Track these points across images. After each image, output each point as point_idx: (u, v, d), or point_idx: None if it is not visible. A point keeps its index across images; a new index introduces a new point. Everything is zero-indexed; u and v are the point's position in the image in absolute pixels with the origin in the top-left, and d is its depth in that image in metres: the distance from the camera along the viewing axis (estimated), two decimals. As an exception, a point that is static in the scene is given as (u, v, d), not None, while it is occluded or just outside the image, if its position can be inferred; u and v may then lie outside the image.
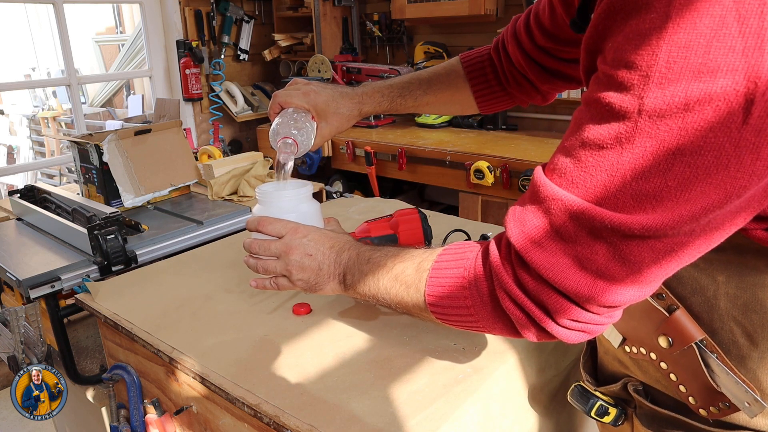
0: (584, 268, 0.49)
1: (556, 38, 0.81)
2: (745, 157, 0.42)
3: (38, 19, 6.21)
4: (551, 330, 0.53)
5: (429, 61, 2.95)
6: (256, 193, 0.81)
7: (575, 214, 0.48)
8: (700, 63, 0.41)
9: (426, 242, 1.10)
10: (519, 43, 0.88)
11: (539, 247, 0.51)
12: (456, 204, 2.45)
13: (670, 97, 0.42)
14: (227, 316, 0.95)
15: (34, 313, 1.25)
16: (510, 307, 0.55)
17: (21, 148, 5.59)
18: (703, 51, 0.41)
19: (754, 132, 0.41)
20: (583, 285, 0.49)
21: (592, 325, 0.53)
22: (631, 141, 0.45)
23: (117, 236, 1.31)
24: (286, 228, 0.75)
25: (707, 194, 0.44)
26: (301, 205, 0.81)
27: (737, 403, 0.57)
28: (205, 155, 2.01)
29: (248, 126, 3.43)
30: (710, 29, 0.40)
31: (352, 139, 2.77)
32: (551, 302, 0.52)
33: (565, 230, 0.49)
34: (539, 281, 0.52)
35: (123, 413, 1.04)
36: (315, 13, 3.10)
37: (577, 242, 0.49)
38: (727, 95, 0.41)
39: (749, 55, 0.40)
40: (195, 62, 3.12)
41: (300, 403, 0.71)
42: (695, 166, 0.43)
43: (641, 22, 0.43)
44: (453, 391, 0.74)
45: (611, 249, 0.48)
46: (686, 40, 0.41)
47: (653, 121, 0.43)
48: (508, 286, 0.54)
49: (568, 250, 0.49)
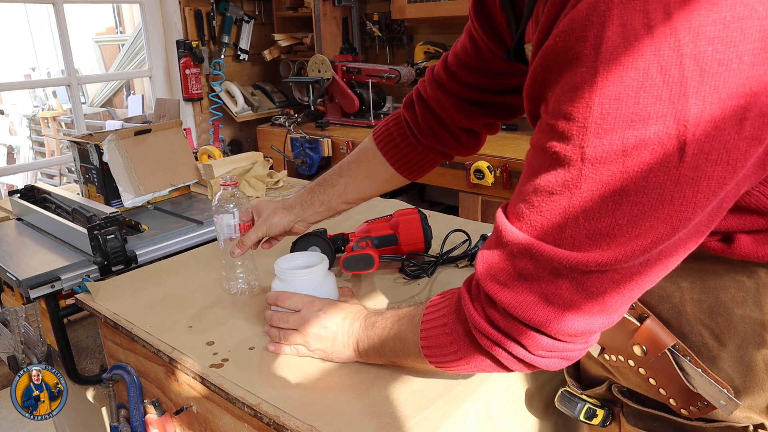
0: (551, 303, 0.51)
1: (485, 73, 0.85)
2: (686, 191, 0.45)
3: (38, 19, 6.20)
4: (531, 361, 0.56)
5: (429, 61, 2.95)
6: (275, 269, 0.87)
7: (536, 256, 0.51)
8: (631, 113, 0.44)
9: (426, 242, 1.10)
10: (441, 86, 0.89)
11: (505, 287, 0.53)
12: (456, 204, 2.45)
13: (608, 144, 0.45)
14: (227, 316, 0.95)
15: (34, 313, 1.25)
16: (487, 344, 0.57)
17: (21, 148, 5.58)
18: (632, 101, 0.43)
19: (691, 168, 0.44)
20: (552, 318, 0.52)
21: (569, 352, 0.55)
22: (578, 186, 0.47)
23: (117, 236, 1.31)
24: (303, 302, 0.82)
25: (656, 228, 0.47)
26: (317, 280, 0.86)
27: (714, 402, 0.60)
28: (205, 155, 2.01)
29: (248, 126, 3.43)
30: (636, 81, 0.43)
31: (352, 139, 2.77)
32: (523, 337, 0.54)
33: (527, 270, 0.52)
34: (509, 318, 0.54)
35: (123, 413, 1.04)
36: (315, 13, 3.10)
37: (541, 280, 0.51)
38: (661, 139, 0.44)
39: (675, 101, 0.42)
40: (195, 62, 3.11)
41: (300, 403, 0.71)
42: (641, 204, 0.46)
43: (573, 75, 0.46)
44: (453, 391, 0.74)
45: (574, 283, 0.50)
46: (616, 93, 0.44)
47: (596, 167, 0.46)
48: (481, 326, 0.57)
49: (533, 288, 0.52)
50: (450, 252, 1.11)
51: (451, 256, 1.11)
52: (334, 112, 3.12)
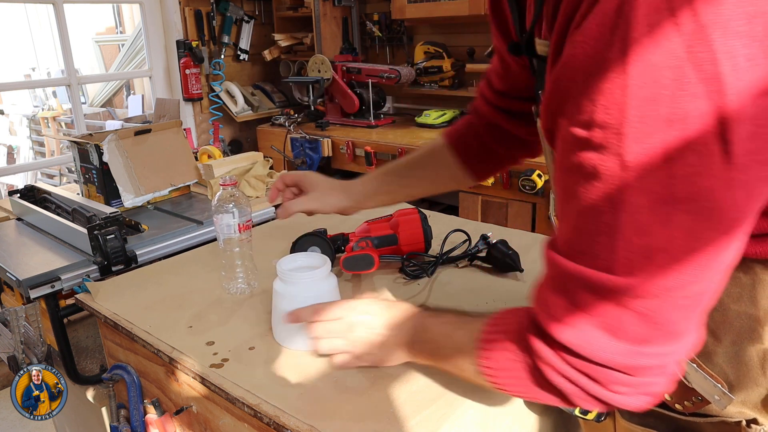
0: (621, 339, 0.48)
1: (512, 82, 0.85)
2: (737, 194, 0.43)
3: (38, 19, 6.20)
4: (607, 399, 0.52)
5: (429, 61, 2.95)
6: (277, 270, 0.85)
7: (593, 289, 0.48)
8: (669, 113, 0.42)
9: (426, 242, 1.10)
10: (485, 99, 0.91)
11: (564, 323, 0.50)
12: (456, 204, 2.45)
13: (649, 148, 0.43)
14: (227, 316, 0.95)
15: (34, 313, 1.25)
16: (559, 381, 0.54)
17: (21, 148, 5.58)
18: (669, 101, 0.42)
19: (741, 170, 0.42)
20: (624, 356, 0.49)
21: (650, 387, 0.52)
22: (623, 200, 0.45)
23: (117, 236, 1.31)
24: (343, 309, 0.76)
25: (714, 238, 0.44)
26: (320, 282, 0.85)
27: (708, 397, 0.60)
28: (205, 155, 2.01)
29: (248, 126, 3.43)
30: (671, 81, 0.41)
31: (352, 139, 2.77)
32: (598, 375, 0.51)
33: (587, 306, 0.49)
34: (580, 358, 0.51)
35: (123, 413, 1.04)
36: (315, 13, 3.10)
37: (602, 314, 0.48)
38: (704, 139, 0.42)
39: (713, 99, 0.41)
40: (195, 62, 3.12)
41: (300, 403, 0.71)
42: (694, 212, 0.43)
43: (601, 81, 0.44)
44: (453, 391, 0.74)
45: (638, 316, 0.47)
46: (651, 94, 0.42)
47: (639, 175, 0.44)
48: (554, 363, 0.53)
49: (594, 322, 0.49)
50: (450, 252, 1.11)
51: (451, 256, 1.11)
52: (334, 112, 3.12)
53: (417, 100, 3.24)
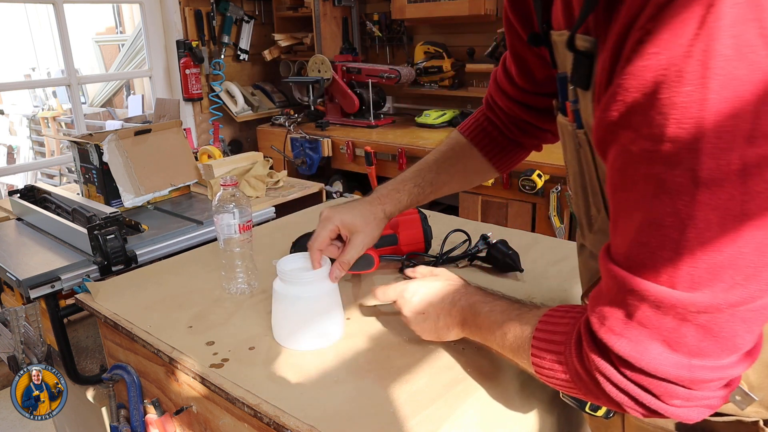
0: (678, 351, 0.48)
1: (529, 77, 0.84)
2: None
3: (38, 19, 6.20)
4: (665, 412, 0.52)
5: (429, 61, 2.95)
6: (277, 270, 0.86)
7: (653, 303, 0.47)
8: (751, 129, 0.41)
9: (426, 242, 1.10)
10: (505, 93, 0.90)
11: (624, 338, 0.50)
12: (456, 204, 2.45)
13: (725, 166, 0.42)
14: (227, 316, 0.95)
15: (34, 313, 1.25)
16: (613, 391, 0.53)
17: (21, 148, 5.59)
18: (752, 118, 0.41)
19: None
20: (681, 368, 0.48)
21: (709, 400, 0.51)
22: (692, 215, 0.43)
23: (117, 236, 1.31)
24: (396, 291, 0.83)
25: None
26: (321, 282, 0.85)
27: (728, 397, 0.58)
28: (205, 155, 2.01)
29: (248, 126, 3.43)
30: (755, 96, 0.40)
31: (352, 139, 2.77)
32: (655, 388, 0.50)
33: (646, 319, 0.48)
34: (637, 371, 0.51)
35: (123, 413, 1.04)
36: (315, 13, 3.10)
37: (662, 328, 0.48)
38: None
39: None
40: (195, 62, 3.12)
41: (300, 403, 0.71)
42: (766, 226, 0.43)
43: (675, 94, 0.42)
44: (453, 391, 0.74)
45: (699, 329, 0.47)
46: (732, 110, 0.41)
47: (712, 192, 0.42)
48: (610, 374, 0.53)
49: (653, 335, 0.48)
50: (450, 252, 1.11)
51: (451, 256, 1.11)
52: (334, 112, 3.12)
53: (417, 100, 3.25)
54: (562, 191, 2.09)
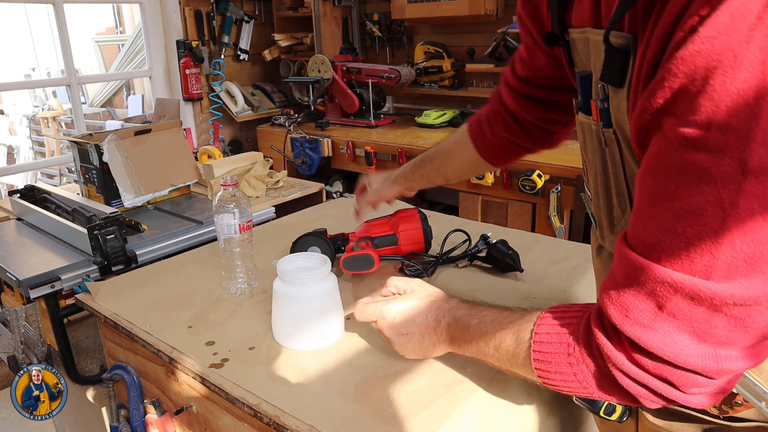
0: (704, 342, 0.48)
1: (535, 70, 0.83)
2: None
3: (38, 19, 6.21)
4: (681, 400, 0.52)
5: (429, 61, 2.95)
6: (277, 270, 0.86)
7: (687, 294, 0.46)
8: None
9: (426, 242, 1.10)
10: (508, 85, 0.90)
11: (652, 330, 0.49)
12: (456, 204, 2.45)
13: None
14: (227, 316, 0.95)
15: (34, 313, 1.25)
16: (630, 385, 0.53)
17: (21, 148, 5.59)
18: None
19: None
20: (708, 359, 0.48)
21: (727, 386, 0.52)
22: (735, 204, 0.43)
23: (117, 236, 1.31)
24: (375, 312, 0.77)
25: None
26: (320, 282, 0.85)
27: (753, 402, 0.58)
28: (205, 155, 2.01)
29: (248, 126, 3.43)
30: None
31: (352, 139, 2.77)
32: (676, 378, 0.50)
33: (677, 310, 0.47)
34: (660, 361, 0.50)
35: (123, 413, 1.04)
36: (315, 13, 3.10)
37: (693, 319, 0.47)
38: None
39: None
40: (195, 62, 3.12)
41: (300, 403, 0.71)
42: None
43: (728, 81, 0.41)
44: (453, 391, 0.74)
45: (731, 320, 0.46)
46: None
47: (759, 181, 0.42)
48: (627, 369, 0.52)
49: (682, 326, 0.48)
50: (450, 252, 1.11)
51: (451, 256, 1.11)
52: (334, 112, 3.12)
53: (417, 100, 3.25)
54: (563, 191, 2.09)
